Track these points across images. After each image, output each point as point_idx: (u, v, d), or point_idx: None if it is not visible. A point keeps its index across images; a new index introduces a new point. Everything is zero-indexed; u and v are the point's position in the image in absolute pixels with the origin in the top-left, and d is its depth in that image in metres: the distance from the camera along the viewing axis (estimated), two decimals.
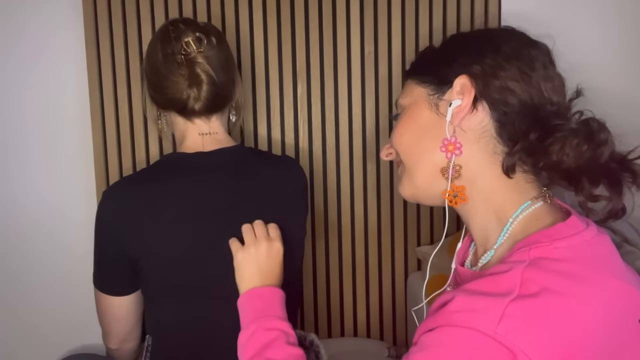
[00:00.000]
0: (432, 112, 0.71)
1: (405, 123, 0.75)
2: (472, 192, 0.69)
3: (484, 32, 0.77)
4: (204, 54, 0.94)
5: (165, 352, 1.01)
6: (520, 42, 0.70)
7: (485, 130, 0.68)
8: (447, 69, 0.70)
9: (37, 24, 1.35)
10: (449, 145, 0.69)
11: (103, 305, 1.01)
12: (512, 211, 0.67)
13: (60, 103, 1.37)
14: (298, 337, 0.96)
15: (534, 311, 0.55)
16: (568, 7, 1.34)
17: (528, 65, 0.67)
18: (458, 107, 0.68)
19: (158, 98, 0.99)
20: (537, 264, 0.59)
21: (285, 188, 1.03)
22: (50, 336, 1.46)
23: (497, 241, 0.67)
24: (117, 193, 0.96)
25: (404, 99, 0.77)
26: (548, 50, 0.71)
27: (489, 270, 0.62)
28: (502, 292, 0.56)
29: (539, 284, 0.57)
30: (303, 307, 1.41)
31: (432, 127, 0.71)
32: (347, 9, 1.32)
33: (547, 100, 0.67)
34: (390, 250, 1.39)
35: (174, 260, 0.94)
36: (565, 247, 0.61)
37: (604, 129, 0.66)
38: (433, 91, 0.72)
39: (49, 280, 1.44)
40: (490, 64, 0.68)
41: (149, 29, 1.31)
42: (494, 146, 0.68)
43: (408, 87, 0.76)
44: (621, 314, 0.59)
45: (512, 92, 0.67)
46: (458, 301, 0.58)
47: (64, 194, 1.40)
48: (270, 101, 1.35)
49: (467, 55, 0.70)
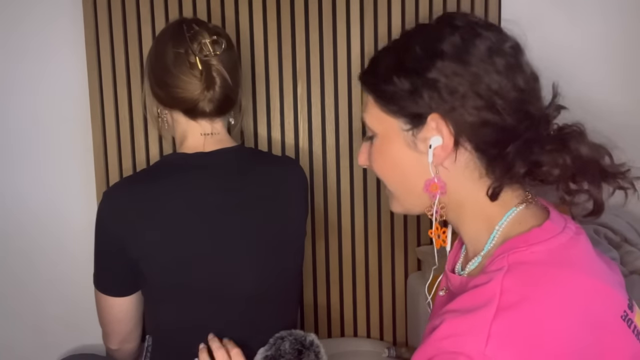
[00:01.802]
0: (410, 149, 0.68)
1: (384, 159, 0.71)
2: (459, 209, 0.69)
3: (436, 44, 0.65)
4: (219, 56, 0.94)
5: (165, 353, 1.01)
6: (485, 51, 0.64)
7: (468, 161, 0.66)
8: (413, 103, 0.65)
9: (37, 24, 1.35)
10: (432, 187, 0.67)
11: (103, 305, 1.01)
12: (498, 219, 0.67)
13: (60, 103, 1.37)
14: (298, 337, 0.96)
15: (518, 325, 0.56)
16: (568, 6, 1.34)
17: (498, 83, 0.63)
18: (439, 147, 0.65)
19: (164, 95, 0.99)
20: (516, 269, 0.60)
21: (286, 188, 1.03)
22: (50, 336, 1.46)
23: (484, 248, 0.68)
24: (117, 193, 0.96)
25: (373, 123, 0.71)
26: (515, 52, 0.66)
27: (472, 281, 0.64)
28: (484, 305, 0.58)
29: (518, 292, 0.58)
30: (303, 307, 1.41)
31: (413, 166, 0.68)
32: (347, 9, 1.32)
33: (523, 115, 0.64)
34: (390, 250, 1.39)
35: (174, 260, 0.94)
36: (542, 251, 0.62)
37: (582, 138, 0.64)
38: (406, 125, 0.67)
39: (49, 280, 1.44)
40: (458, 97, 0.63)
41: (149, 29, 1.31)
42: (479, 173, 0.66)
43: (374, 109, 0.70)
44: (602, 313, 0.60)
45: (486, 122, 0.63)
46: (445, 327, 0.59)
47: (64, 194, 1.41)
48: (270, 101, 1.35)
49: (430, 89, 0.64)
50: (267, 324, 1.01)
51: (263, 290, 1.00)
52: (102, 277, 1.00)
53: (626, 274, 1.20)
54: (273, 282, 1.01)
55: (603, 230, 1.28)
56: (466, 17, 0.68)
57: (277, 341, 0.97)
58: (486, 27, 0.66)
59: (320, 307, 1.41)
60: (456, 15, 0.68)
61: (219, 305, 0.97)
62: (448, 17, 0.68)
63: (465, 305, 0.60)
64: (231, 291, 0.97)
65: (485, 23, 0.67)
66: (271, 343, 0.97)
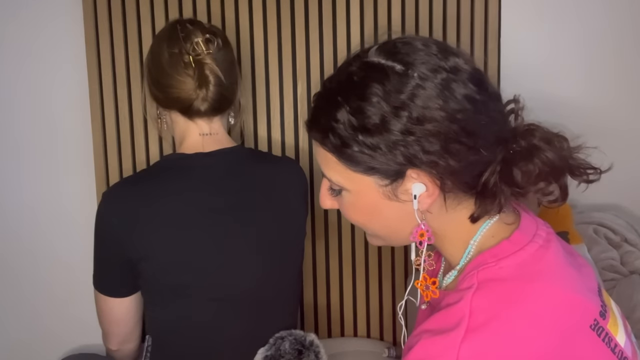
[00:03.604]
0: (392, 201, 0.64)
1: (360, 212, 0.67)
2: (439, 235, 0.68)
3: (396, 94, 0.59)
4: (212, 55, 0.95)
5: (165, 353, 1.01)
6: (451, 92, 0.59)
7: (449, 197, 0.64)
8: (386, 162, 0.61)
9: (37, 24, 1.35)
10: (419, 234, 0.65)
11: (103, 306, 1.01)
12: (473, 234, 0.67)
13: (61, 103, 1.37)
14: (298, 337, 0.96)
15: (486, 346, 0.57)
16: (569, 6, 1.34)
17: (474, 121, 0.60)
18: (424, 194, 0.62)
19: (161, 96, 0.99)
20: (484, 287, 0.60)
21: (286, 189, 1.03)
22: (50, 336, 1.46)
23: (459, 262, 0.68)
24: (117, 194, 0.96)
25: (340, 181, 0.65)
26: (477, 78, 0.61)
27: (446, 298, 0.64)
28: (454, 327, 0.58)
29: (487, 312, 0.58)
30: (303, 307, 1.41)
31: (395, 214, 0.65)
32: (347, 9, 1.31)
33: (497, 141, 0.62)
34: (390, 250, 1.39)
35: (173, 261, 0.94)
36: (509, 266, 0.62)
37: (544, 139, 0.63)
38: (383, 181, 0.63)
39: (49, 280, 1.44)
40: (436, 148, 0.59)
41: (149, 29, 1.31)
42: (458, 201, 0.65)
43: (338, 167, 0.64)
44: (572, 324, 0.60)
45: (469, 164, 0.61)
46: (418, 348, 0.60)
47: (64, 194, 1.40)
48: (270, 101, 1.35)
49: (404, 146, 0.59)
50: (267, 324, 1.01)
51: (263, 290, 1.00)
52: (101, 277, 1.00)
53: (626, 274, 1.21)
54: (273, 282, 1.01)
55: (603, 230, 1.28)
56: (415, 49, 0.61)
57: (277, 341, 0.97)
58: (443, 56, 0.61)
59: (320, 307, 1.41)
60: (400, 47, 0.62)
61: (218, 306, 0.97)
62: (396, 52, 0.61)
63: (437, 326, 0.60)
64: (231, 291, 0.97)
65: (439, 51, 0.61)
66: (271, 343, 0.97)
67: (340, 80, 0.64)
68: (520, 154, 0.62)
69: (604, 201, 1.40)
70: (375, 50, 0.63)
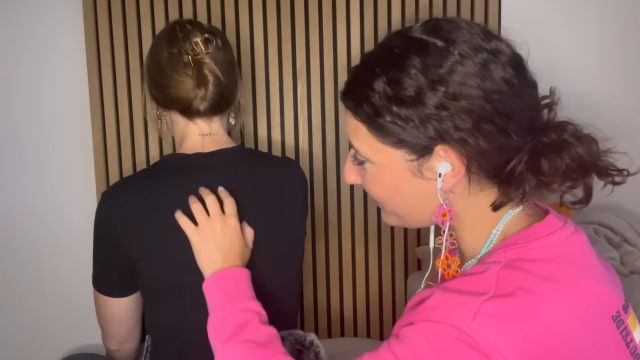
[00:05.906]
0: (416, 178, 0.64)
1: (384, 186, 0.67)
2: (459, 220, 0.68)
3: (435, 68, 0.59)
4: (211, 55, 0.95)
5: (165, 353, 1.01)
6: (491, 71, 0.60)
7: (473, 181, 0.64)
8: (417, 135, 0.61)
9: (37, 24, 1.35)
10: (442, 214, 0.66)
11: (102, 306, 1.01)
12: (495, 224, 0.67)
13: (60, 103, 1.37)
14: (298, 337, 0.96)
15: (509, 310, 0.56)
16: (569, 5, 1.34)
17: (508, 105, 0.60)
18: (449, 174, 0.62)
19: (160, 97, 0.99)
20: (513, 265, 0.60)
21: (285, 189, 1.03)
22: (50, 336, 1.46)
23: (480, 251, 0.67)
24: (116, 194, 0.96)
25: (367, 153, 0.66)
26: (516, 63, 0.62)
27: (467, 270, 0.64)
28: (478, 292, 0.58)
29: (514, 283, 0.58)
30: (303, 307, 1.41)
31: (418, 192, 0.66)
32: (347, 9, 1.32)
33: (529, 130, 0.62)
34: (390, 250, 1.39)
35: (173, 261, 0.94)
36: (540, 248, 0.62)
37: (577, 138, 0.63)
38: (410, 156, 0.63)
39: (48, 280, 1.44)
40: (468, 126, 0.59)
41: (149, 29, 1.31)
42: (480, 187, 0.65)
43: (367, 138, 0.65)
44: (594, 312, 0.60)
45: (499, 147, 0.61)
46: (435, 298, 0.60)
47: (64, 194, 1.41)
48: (270, 101, 1.35)
49: (437, 120, 0.60)
50: None
51: (263, 290, 1.00)
52: (101, 277, 1.00)
53: (626, 274, 1.20)
54: (273, 282, 1.01)
55: (603, 230, 1.28)
56: (458, 27, 0.62)
57: None
58: (485, 37, 0.62)
59: (320, 307, 1.41)
60: (444, 24, 0.62)
61: None
62: (439, 28, 0.62)
63: (459, 287, 0.60)
64: None
65: (482, 32, 0.62)
66: None
67: (380, 52, 0.65)
68: (550, 146, 0.63)
69: (604, 201, 1.40)
70: (418, 27, 0.64)
